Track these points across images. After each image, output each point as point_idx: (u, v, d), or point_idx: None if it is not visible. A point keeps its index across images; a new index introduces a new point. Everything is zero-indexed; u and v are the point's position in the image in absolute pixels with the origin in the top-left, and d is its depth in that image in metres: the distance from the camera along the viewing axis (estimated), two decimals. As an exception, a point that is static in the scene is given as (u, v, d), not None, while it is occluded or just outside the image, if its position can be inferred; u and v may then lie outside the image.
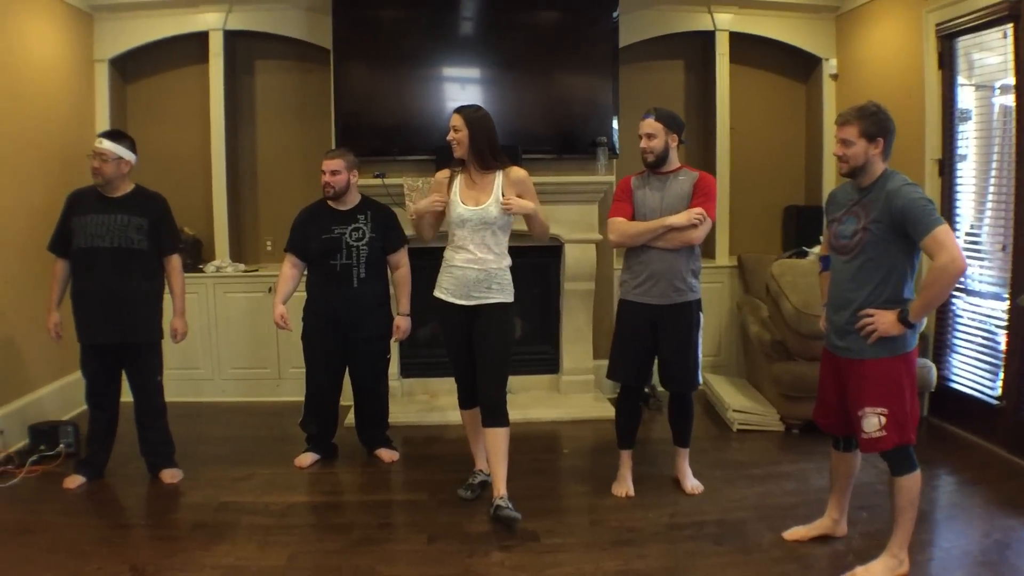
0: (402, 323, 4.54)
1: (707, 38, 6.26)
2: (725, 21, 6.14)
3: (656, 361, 4.01)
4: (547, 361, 5.99)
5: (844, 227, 3.17)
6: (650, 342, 3.92)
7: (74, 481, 4.30)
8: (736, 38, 6.20)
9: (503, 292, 3.85)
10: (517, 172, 3.84)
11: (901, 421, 3.03)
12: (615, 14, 5.67)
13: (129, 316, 4.13)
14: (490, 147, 3.79)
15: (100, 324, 4.12)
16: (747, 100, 6.36)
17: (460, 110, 3.83)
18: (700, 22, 6.16)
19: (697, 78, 6.49)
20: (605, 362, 4.19)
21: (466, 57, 5.81)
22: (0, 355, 4.86)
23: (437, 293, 3.94)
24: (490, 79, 5.76)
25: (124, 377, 4.36)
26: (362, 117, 5.70)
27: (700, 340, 3.95)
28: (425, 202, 3.87)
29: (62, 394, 5.46)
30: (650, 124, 3.80)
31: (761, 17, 6.19)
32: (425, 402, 5.71)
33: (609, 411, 5.29)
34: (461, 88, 5.80)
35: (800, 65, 6.47)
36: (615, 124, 5.71)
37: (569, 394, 5.80)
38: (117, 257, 4.09)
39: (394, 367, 5.40)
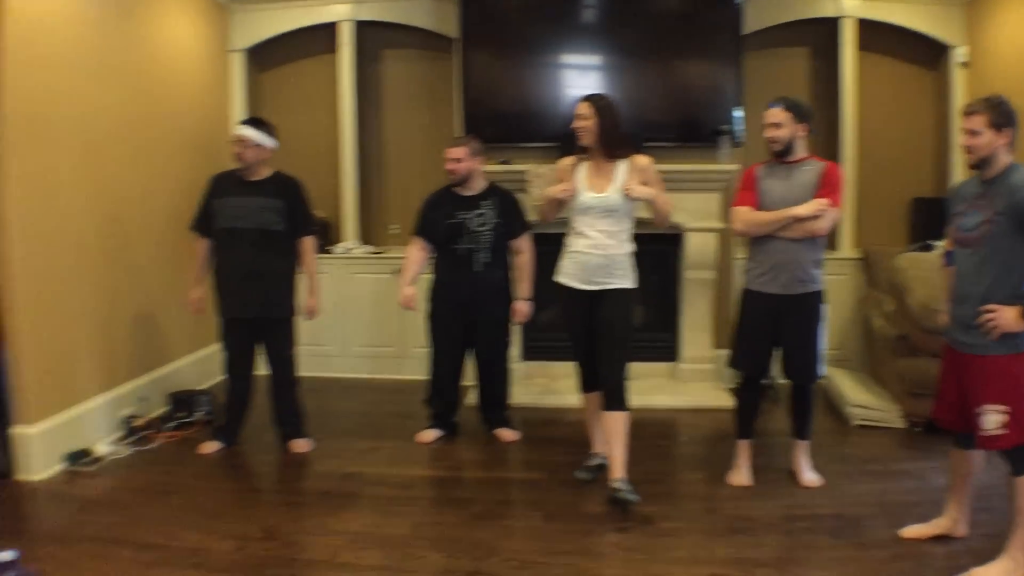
0: (523, 307, 4.64)
1: (833, 24, 6.12)
2: (852, 7, 6.00)
3: (778, 352, 4.00)
4: (666, 349, 6.00)
5: (967, 220, 3.11)
6: (772, 332, 3.90)
7: (210, 447, 4.58)
8: (863, 24, 6.05)
9: (625, 278, 3.90)
10: (641, 160, 3.88)
11: (1022, 420, 2.96)
12: (739, 3, 5.63)
13: (267, 293, 4.36)
14: (616, 135, 3.84)
15: (240, 299, 4.37)
16: (874, 88, 6.20)
17: (587, 98, 3.88)
18: (826, 8, 6.04)
19: (822, 66, 6.34)
20: (724, 351, 4.20)
21: (589, 45, 5.86)
22: (143, 327, 5.18)
23: (559, 278, 4.01)
24: (612, 66, 5.79)
25: (260, 351, 4.60)
26: (487, 104, 5.82)
27: (823, 332, 3.92)
28: (555, 188, 3.93)
29: (199, 365, 5.80)
30: (776, 113, 3.77)
31: (889, 2, 6.03)
32: (544, 385, 5.80)
33: (727, 401, 5.33)
34: (583, 76, 5.86)
35: (928, 53, 6.26)
36: (738, 112, 5.67)
37: (688, 382, 5.81)
38: (256, 237, 4.33)
39: (515, 350, 5.49)
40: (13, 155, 4.04)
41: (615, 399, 3.85)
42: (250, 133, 4.37)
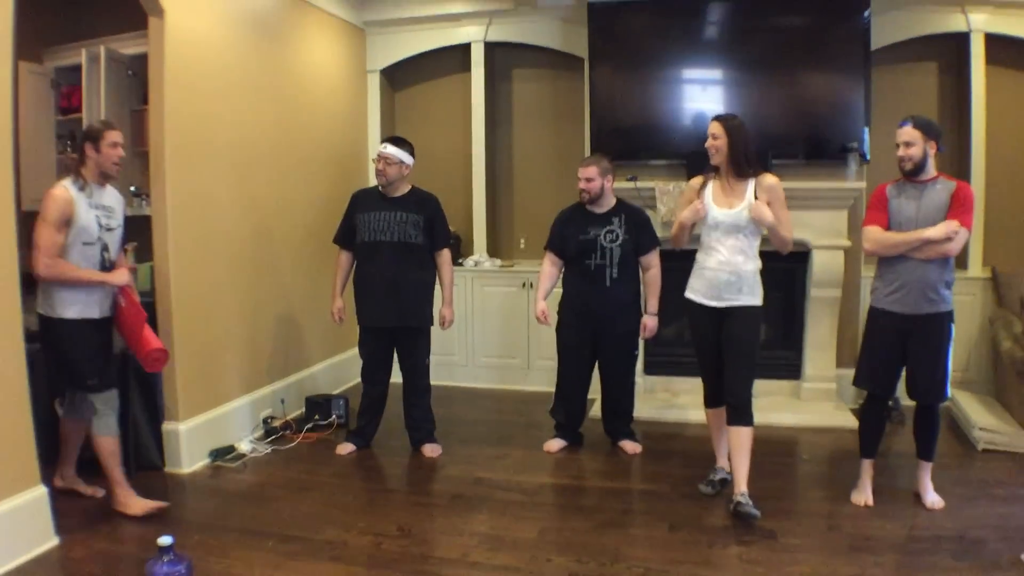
0: (650, 322, 4.76)
1: (961, 39, 6.02)
2: (980, 21, 5.89)
3: (904, 371, 4.00)
4: (789, 367, 6.01)
5: None
6: (899, 351, 3.92)
7: (345, 448, 4.85)
8: (992, 39, 5.93)
9: (753, 295, 3.99)
10: (769, 179, 3.95)
11: None
12: (867, 14, 5.60)
13: (406, 303, 4.60)
14: (746, 155, 3.92)
15: (381, 309, 4.63)
16: (1004, 104, 6.04)
17: (719, 118, 3.98)
18: (954, 23, 5.94)
19: (951, 81, 6.24)
20: (848, 371, 4.20)
21: (714, 62, 5.94)
22: (284, 333, 5.51)
23: (688, 294, 4.12)
24: (737, 83, 5.85)
25: (395, 358, 4.85)
26: (614, 122, 5.96)
27: (950, 352, 3.91)
28: (688, 212, 4.02)
29: (334, 371, 6.12)
30: (908, 132, 3.80)
31: (1018, 16, 5.88)
32: (666, 400, 5.90)
33: (849, 421, 5.31)
34: (710, 93, 5.95)
35: (1062, 67, 6.10)
36: (866, 129, 5.64)
37: (810, 401, 5.80)
38: (397, 250, 4.58)
39: (639, 364, 5.60)
40: (173, 173, 4.40)
41: (741, 414, 3.93)
42: (392, 151, 4.62)
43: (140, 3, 4.21)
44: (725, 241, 3.96)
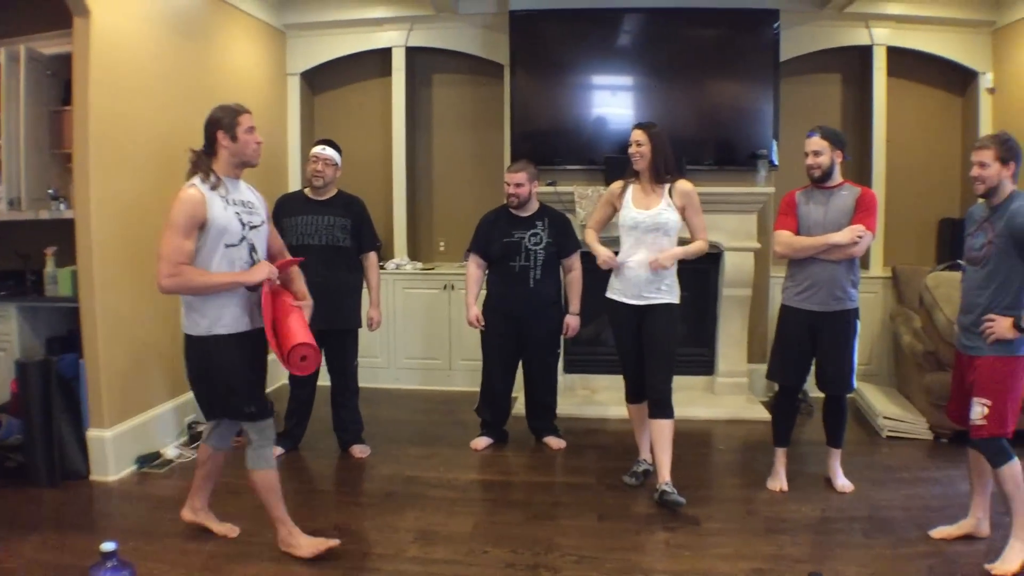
0: (572, 322, 4.91)
1: (864, 52, 6.37)
2: (883, 36, 6.24)
3: (813, 365, 4.25)
4: (703, 363, 6.25)
5: (975, 240, 3.51)
6: (809, 346, 4.16)
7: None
8: (893, 52, 6.28)
9: (671, 293, 4.18)
10: (685, 185, 4.16)
11: (1001, 415, 3.35)
12: (776, 26, 5.87)
13: (335, 306, 4.61)
14: (666, 161, 4.13)
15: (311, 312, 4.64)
16: (904, 113, 6.44)
17: (642, 126, 4.17)
18: (858, 37, 6.28)
19: (854, 92, 6.60)
20: (759, 366, 4.40)
21: (630, 71, 6.13)
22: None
23: (609, 294, 4.29)
24: (653, 91, 6.07)
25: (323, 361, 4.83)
26: (534, 127, 6.10)
27: (856, 346, 4.17)
28: (601, 257, 4.23)
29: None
30: (816, 141, 4.04)
31: (918, 31, 6.26)
32: (586, 396, 6.08)
33: (761, 413, 5.57)
34: (627, 100, 6.16)
35: (957, 79, 6.50)
36: (774, 137, 5.91)
37: (723, 395, 6.04)
38: (325, 253, 4.61)
39: (559, 363, 5.70)
40: (97, 175, 4.33)
41: (662, 407, 4.12)
42: (332, 152, 4.68)
43: (66, 3, 4.15)
44: (644, 240, 4.13)
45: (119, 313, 4.53)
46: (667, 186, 4.16)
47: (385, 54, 6.64)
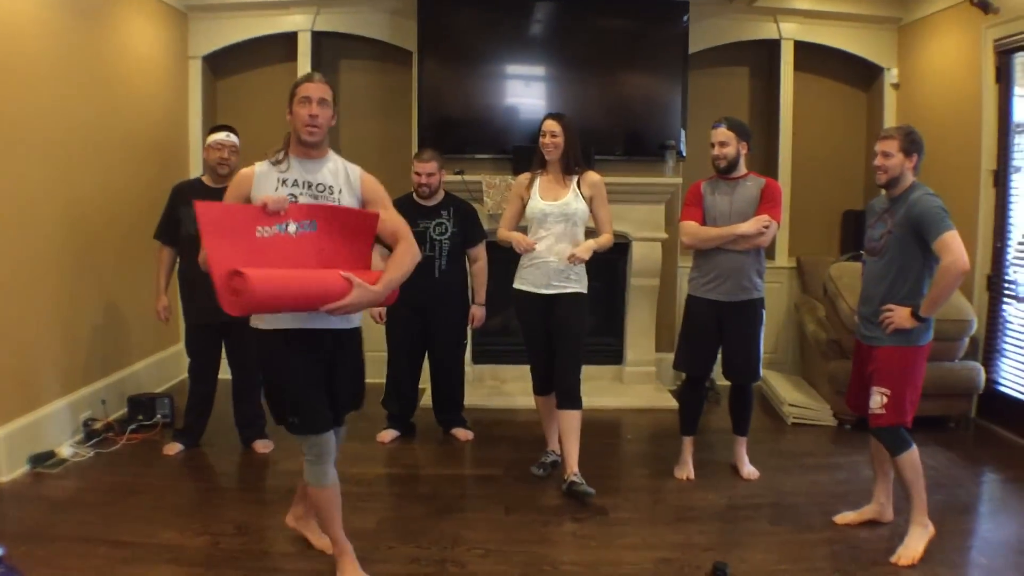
0: (478, 312, 4.87)
1: (772, 46, 6.44)
2: (790, 30, 6.33)
3: (720, 354, 4.27)
4: (612, 352, 6.26)
5: (874, 231, 3.57)
6: (715, 336, 4.19)
7: (172, 448, 4.65)
8: (800, 46, 6.37)
9: (580, 283, 4.16)
10: (593, 176, 4.16)
11: (900, 403, 3.40)
12: (685, 19, 5.91)
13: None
14: (576, 153, 4.12)
15: (209, 305, 4.44)
16: (810, 107, 6.52)
17: (556, 117, 4.15)
18: (766, 31, 6.35)
19: (761, 84, 6.67)
20: (666, 355, 4.41)
21: (540, 59, 6.09)
22: (103, 330, 5.24)
23: (518, 285, 4.24)
24: (562, 81, 6.03)
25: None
26: (442, 115, 6.00)
27: (762, 336, 4.21)
28: (516, 243, 4.14)
29: (157, 368, 5.88)
30: (723, 133, 4.05)
31: (825, 26, 6.36)
32: (494, 387, 6.04)
33: (669, 401, 5.59)
34: (535, 89, 6.11)
35: (862, 74, 6.62)
36: (683, 129, 5.94)
37: (632, 384, 6.07)
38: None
39: (467, 353, 5.63)
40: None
41: (570, 398, 4.09)
42: (236, 139, 4.55)
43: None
44: (554, 229, 4.09)
45: (4, 306, 4.26)
46: (575, 177, 4.14)
47: (291, 38, 6.43)
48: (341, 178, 3.07)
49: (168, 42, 6.18)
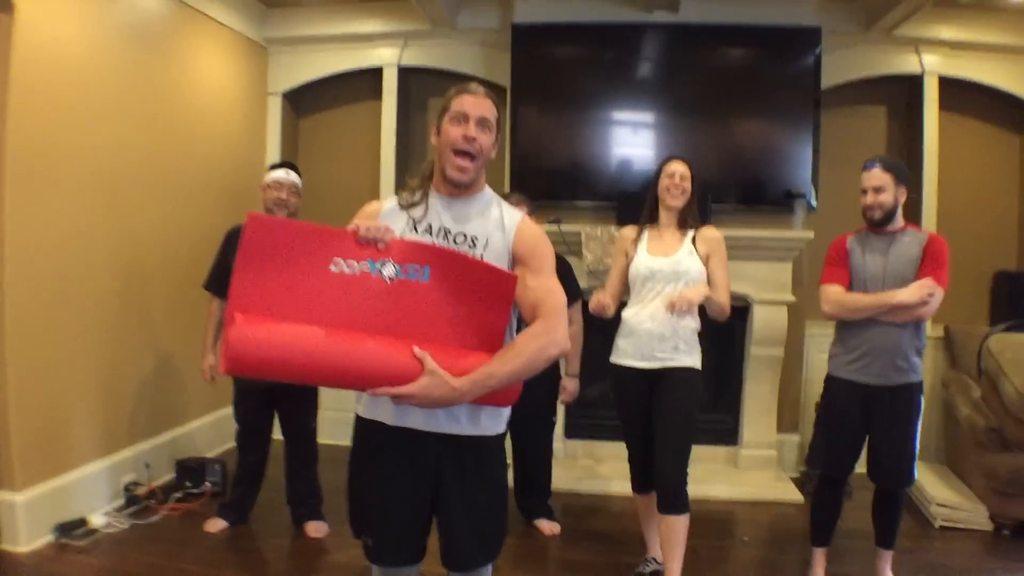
0: (570, 385, 4.21)
1: (913, 82, 5.70)
2: (934, 63, 5.55)
3: (866, 449, 3.49)
4: (726, 432, 5.49)
5: None
6: (861, 427, 3.41)
7: (216, 525, 4.19)
8: (946, 82, 5.60)
9: (691, 354, 3.45)
10: (711, 231, 3.51)
11: None
12: (817, 50, 5.22)
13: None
14: (697, 203, 3.52)
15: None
16: (956, 152, 5.71)
17: (682, 159, 3.53)
18: (907, 64, 5.60)
19: (900, 126, 5.90)
20: (789, 436, 3.69)
21: (647, 100, 5.44)
22: (152, 386, 4.82)
23: (615, 358, 3.56)
24: (674, 119, 5.38)
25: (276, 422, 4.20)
26: (537, 157, 5.44)
27: (919, 429, 3.41)
28: (593, 303, 3.34)
29: (212, 429, 5.42)
30: (878, 175, 3.32)
31: (974, 59, 5.57)
32: (588, 467, 5.32)
33: (792, 493, 4.86)
34: (644, 128, 5.46)
35: (1016, 115, 5.80)
36: (812, 174, 5.24)
37: (748, 470, 5.28)
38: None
39: (558, 428, 5.00)
40: (15, 199, 3.73)
41: (674, 500, 3.35)
42: (296, 178, 4.07)
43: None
44: (662, 292, 3.43)
45: (36, 360, 3.87)
46: (691, 232, 3.51)
47: (376, 74, 6.01)
48: (493, 225, 2.24)
49: (246, 77, 5.84)
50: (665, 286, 3.42)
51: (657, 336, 3.42)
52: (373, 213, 2.28)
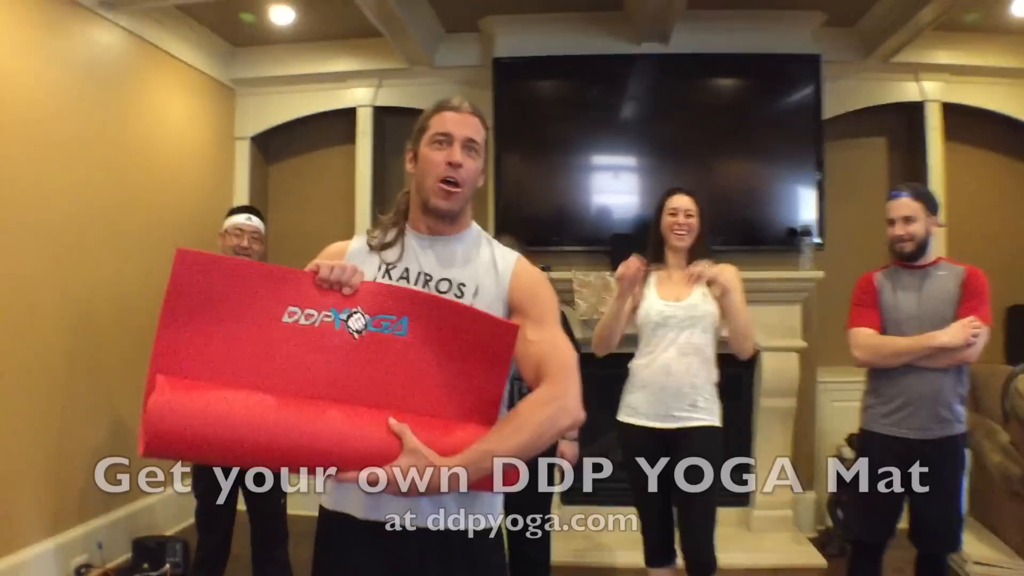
0: (568, 450, 3.66)
1: (914, 110, 5.43)
2: (935, 90, 5.29)
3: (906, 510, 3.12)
4: (736, 492, 5.01)
5: None
6: (901, 487, 3.01)
7: None
8: (949, 110, 5.35)
9: (711, 411, 3.14)
10: (727, 267, 3.17)
11: None
12: (817, 80, 4.97)
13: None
14: (706, 240, 3.25)
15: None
16: (962, 183, 5.45)
17: (687, 192, 3.30)
18: (906, 92, 5.35)
19: (902, 157, 5.63)
20: (807, 494, 3.51)
21: (638, 136, 5.14)
22: (105, 454, 4.34)
23: (625, 417, 3.20)
24: (664, 158, 5.08)
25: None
26: (522, 201, 5.14)
27: (965, 486, 3.04)
28: (622, 272, 3.11)
29: (175, 503, 4.93)
30: (907, 204, 3.00)
31: (978, 84, 5.33)
32: (589, 537, 4.86)
33: (813, 557, 4.49)
34: (633, 171, 5.18)
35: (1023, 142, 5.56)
36: (817, 210, 4.95)
37: (762, 532, 4.84)
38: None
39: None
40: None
41: (705, 572, 3.04)
42: (258, 223, 3.68)
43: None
44: (677, 340, 3.12)
45: None
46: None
47: (350, 116, 5.70)
48: (483, 267, 1.89)
49: (212, 120, 5.55)
50: (679, 333, 3.11)
51: (673, 392, 3.10)
52: (337, 253, 1.88)
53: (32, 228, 3.82)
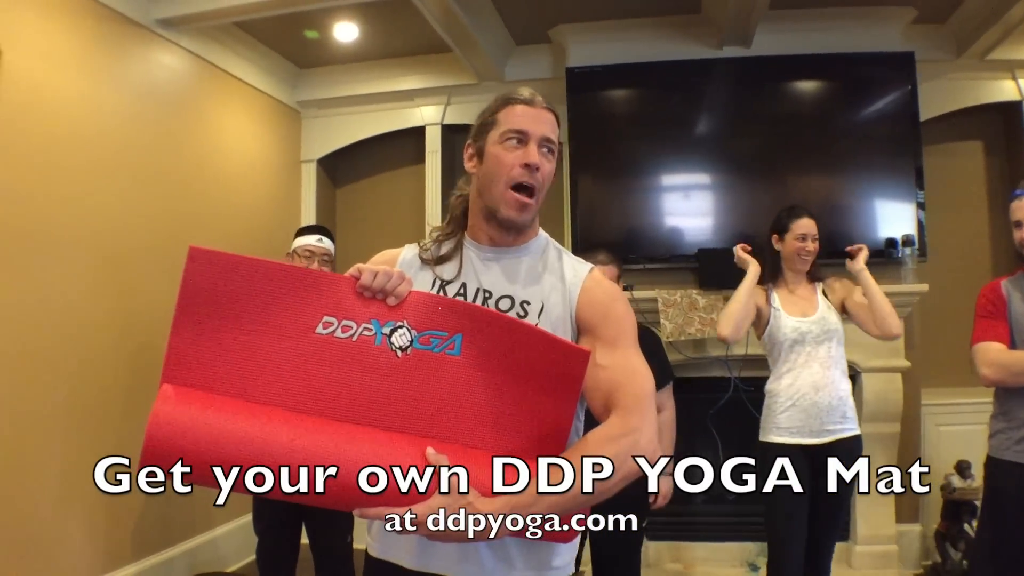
0: (664, 486, 3.34)
1: (1011, 111, 5.07)
2: (1033, 88, 4.95)
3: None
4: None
5: None
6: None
7: None
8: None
9: (855, 421, 3.20)
10: (837, 281, 3.29)
11: None
12: (913, 80, 4.68)
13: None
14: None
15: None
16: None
17: (811, 214, 3.31)
18: (1002, 91, 5.01)
19: (1000, 162, 5.25)
20: (910, 527, 3.75)
21: (723, 149, 4.87)
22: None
23: (774, 437, 3.14)
24: (751, 167, 4.81)
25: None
26: (601, 215, 4.90)
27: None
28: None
29: (242, 534, 4.68)
30: (1035, 204, 2.69)
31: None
32: (678, 573, 4.59)
33: None
34: (720, 183, 4.89)
35: None
36: (918, 217, 4.64)
37: (864, 570, 4.49)
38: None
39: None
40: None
41: None
42: (329, 245, 3.52)
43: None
44: (817, 354, 3.16)
45: (12, 455, 3.31)
46: (819, 286, 3.32)
47: (418, 135, 5.55)
48: (550, 283, 1.64)
49: (278, 143, 5.45)
50: (817, 348, 3.16)
51: (825, 408, 3.11)
52: (387, 260, 1.67)
53: (95, 250, 3.73)
